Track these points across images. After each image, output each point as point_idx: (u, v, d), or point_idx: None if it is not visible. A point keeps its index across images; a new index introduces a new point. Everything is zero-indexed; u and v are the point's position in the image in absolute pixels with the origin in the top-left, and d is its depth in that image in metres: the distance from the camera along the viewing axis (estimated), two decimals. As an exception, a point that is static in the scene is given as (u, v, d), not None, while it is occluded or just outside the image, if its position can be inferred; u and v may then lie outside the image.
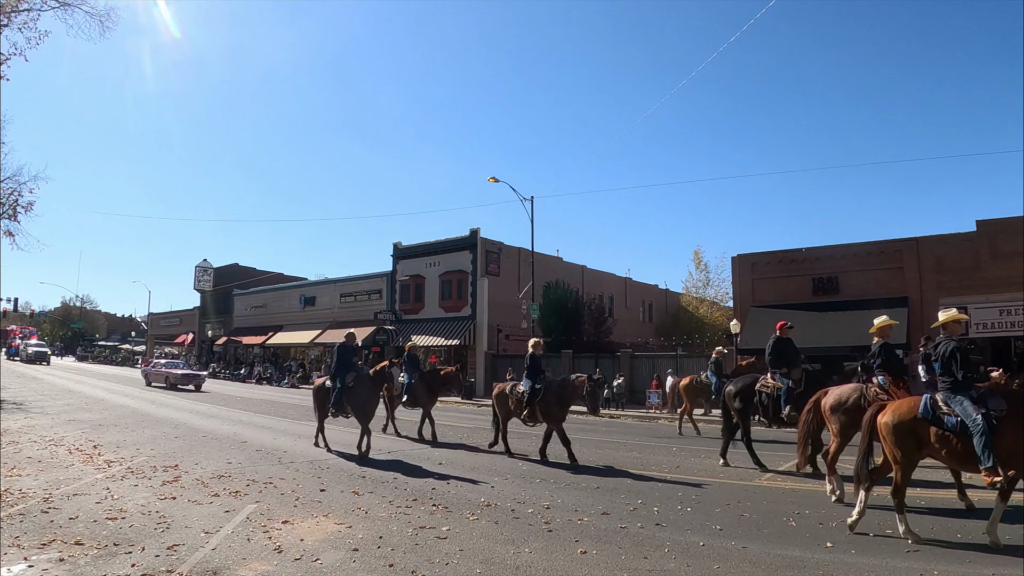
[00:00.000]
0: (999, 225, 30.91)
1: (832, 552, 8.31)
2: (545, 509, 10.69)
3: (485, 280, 48.08)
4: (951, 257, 31.69)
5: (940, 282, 31.56)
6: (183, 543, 8.18)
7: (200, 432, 20.17)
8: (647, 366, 39.23)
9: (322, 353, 60.35)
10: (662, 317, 67.23)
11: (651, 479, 13.61)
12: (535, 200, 41.54)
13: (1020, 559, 7.88)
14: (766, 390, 15.00)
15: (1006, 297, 29.70)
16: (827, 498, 11.52)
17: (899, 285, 32.61)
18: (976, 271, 30.79)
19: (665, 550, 8.37)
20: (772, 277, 36.29)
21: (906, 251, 32.85)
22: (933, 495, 11.95)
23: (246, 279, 76.10)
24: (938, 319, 10.03)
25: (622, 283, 63.90)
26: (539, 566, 7.64)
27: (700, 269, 64.05)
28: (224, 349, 72.68)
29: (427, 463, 15.20)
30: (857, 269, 33.85)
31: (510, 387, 17.23)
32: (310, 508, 10.40)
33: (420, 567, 7.49)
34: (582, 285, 54.54)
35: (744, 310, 36.28)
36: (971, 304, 30.42)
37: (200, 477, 12.74)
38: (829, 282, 34.46)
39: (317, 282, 66.21)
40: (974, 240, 31.27)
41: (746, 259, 37.44)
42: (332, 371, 17.20)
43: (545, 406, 15.97)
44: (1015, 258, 29.64)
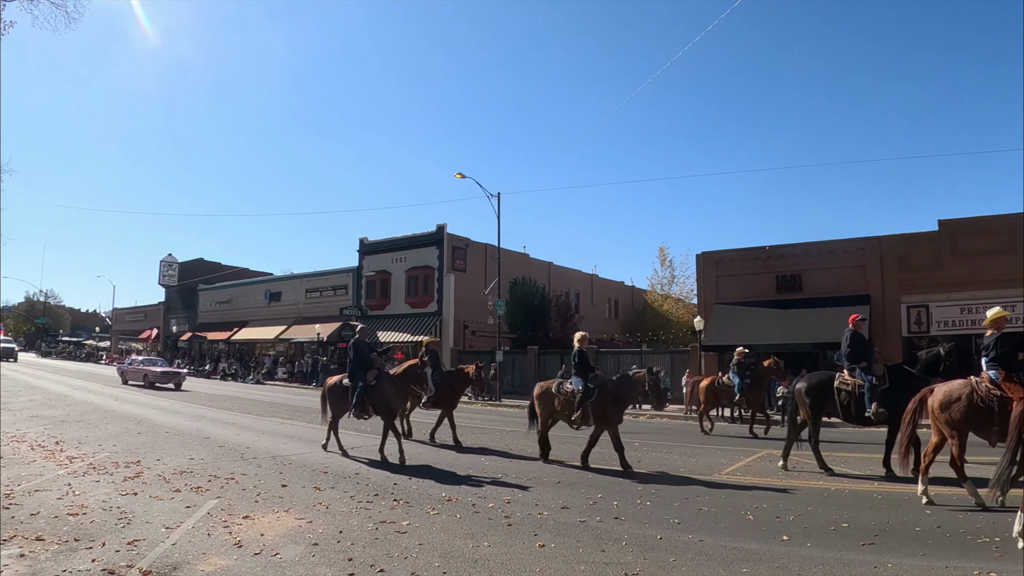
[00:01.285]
0: (961, 225, 31.37)
1: (788, 545, 8.40)
2: (505, 503, 10.73)
3: (451, 276, 48.04)
4: (913, 256, 32.08)
5: (902, 280, 31.95)
6: (144, 538, 8.14)
7: (163, 428, 19.99)
8: (612, 362, 39.27)
9: (287, 349, 60.14)
10: (628, 314, 67.42)
11: (611, 474, 13.69)
12: (502, 196, 41.55)
13: (972, 551, 8.05)
14: (846, 387, 14.11)
15: (967, 295, 30.14)
16: (783, 494, 11.63)
17: (862, 283, 32.95)
18: (938, 270, 31.19)
19: (623, 543, 8.43)
20: (736, 275, 36.51)
21: (869, 250, 33.21)
22: (891, 489, 12.10)
23: (211, 274, 75.57)
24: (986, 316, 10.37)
25: (588, 280, 64.02)
26: (497, 559, 7.68)
27: (665, 266, 64.17)
28: (189, 345, 72.10)
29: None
30: (820, 267, 34.17)
31: (556, 385, 15.74)
32: (271, 503, 10.36)
33: (379, 561, 7.49)
34: (548, 282, 54.62)
35: (708, 307, 36.49)
36: (932, 303, 30.92)
37: (162, 473, 12.65)
38: (793, 280, 34.74)
39: (282, 277, 65.91)
40: (936, 239, 31.69)
41: (711, 256, 37.67)
42: (350, 369, 16.03)
43: (600, 407, 14.54)
44: (976, 257, 30.11)
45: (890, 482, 12.78)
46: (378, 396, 15.53)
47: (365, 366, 15.73)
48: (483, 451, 16.65)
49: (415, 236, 51.17)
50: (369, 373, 15.61)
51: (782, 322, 32.78)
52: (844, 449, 17.22)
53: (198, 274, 76.32)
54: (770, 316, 33.35)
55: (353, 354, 15.98)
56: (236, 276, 73.83)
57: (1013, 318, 28.62)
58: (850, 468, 14.28)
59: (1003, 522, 9.37)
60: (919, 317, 31.27)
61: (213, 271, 76.43)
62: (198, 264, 78.83)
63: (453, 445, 17.61)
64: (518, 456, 15.56)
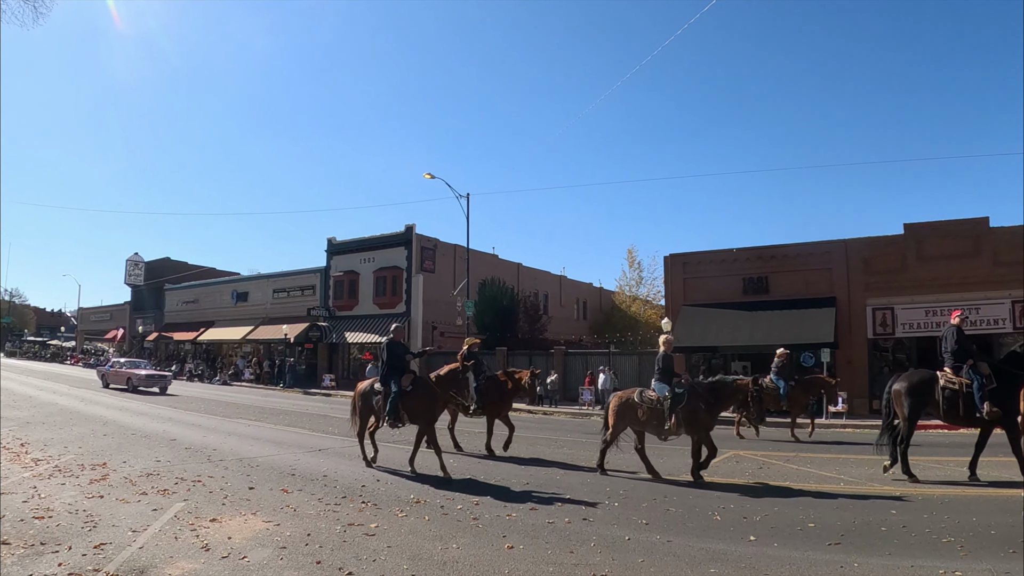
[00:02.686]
0: (926, 229, 31.71)
1: (755, 545, 8.46)
2: (474, 505, 10.73)
3: (420, 277, 47.92)
4: (878, 259, 32.40)
5: (868, 283, 32.24)
6: (110, 542, 8.07)
7: (129, 430, 19.81)
8: (580, 363, 39.41)
9: (254, 350, 59.80)
10: (596, 315, 67.63)
11: (580, 474, 13.73)
12: (471, 197, 41.57)
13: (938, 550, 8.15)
14: (952, 386, 13.28)
15: (932, 298, 30.49)
16: (750, 495, 11.71)
17: (827, 286, 33.20)
18: (903, 273, 31.50)
19: (591, 544, 8.46)
20: (704, 277, 36.69)
21: (835, 253, 33.46)
22: (856, 489, 12.21)
23: (178, 273, 74.91)
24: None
25: (557, 281, 64.15)
26: (466, 561, 7.68)
27: (633, 268, 64.38)
28: (155, 345, 71.45)
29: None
30: (787, 270, 34.42)
31: (638, 394, 14.34)
32: (238, 506, 10.30)
33: (347, 564, 7.47)
34: (517, 283, 54.68)
35: (676, 309, 36.62)
36: (897, 305, 31.21)
37: (128, 475, 12.54)
38: (759, 282, 34.97)
39: (250, 277, 65.40)
40: (901, 243, 32.02)
41: (678, 259, 37.80)
42: (382, 372, 14.65)
43: (691, 414, 13.49)
44: (941, 260, 30.48)
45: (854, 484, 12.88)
46: (414, 403, 14.25)
47: (400, 370, 14.55)
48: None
49: (384, 236, 50.95)
50: (404, 377, 14.47)
51: (749, 324, 33.00)
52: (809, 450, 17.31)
53: (165, 273, 75.61)
54: (737, 318, 33.55)
55: (387, 356, 14.75)
56: (203, 276, 73.23)
57: (977, 320, 29.06)
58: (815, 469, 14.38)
59: (968, 522, 9.53)
60: (884, 319, 31.57)
61: (180, 271, 75.75)
62: (165, 263, 78.07)
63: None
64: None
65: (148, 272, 77.33)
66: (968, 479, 12.87)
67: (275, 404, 32.67)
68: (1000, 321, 29.28)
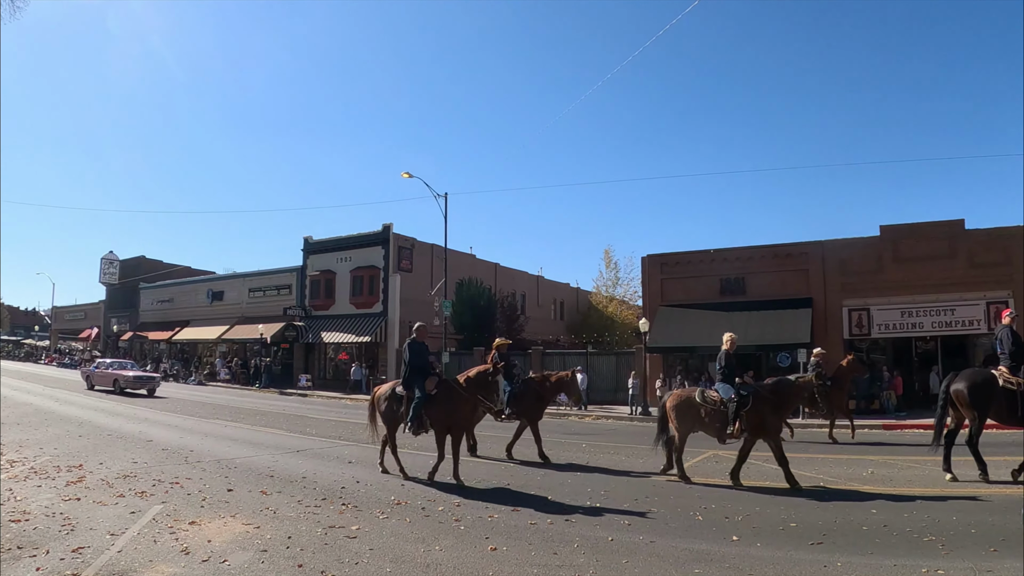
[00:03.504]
0: (902, 230, 31.96)
1: (738, 545, 8.49)
2: (456, 507, 10.71)
3: (397, 276, 47.72)
4: (855, 260, 32.61)
5: (844, 284, 32.41)
6: (88, 545, 8.00)
7: (105, 431, 19.71)
8: (558, 363, 39.32)
9: (229, 349, 59.46)
10: (573, 315, 67.70)
11: (561, 475, 13.73)
12: (449, 197, 41.50)
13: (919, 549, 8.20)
14: (1010, 387, 12.88)
15: (907, 299, 30.72)
16: (731, 494, 11.72)
17: (804, 287, 33.36)
18: (879, 274, 31.71)
19: (575, 545, 8.46)
20: (681, 277, 36.77)
21: (811, 254, 33.63)
22: (837, 490, 12.28)
23: (153, 272, 74.29)
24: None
25: (534, 281, 64.10)
26: (449, 564, 7.65)
27: (610, 268, 64.58)
28: (130, 344, 70.77)
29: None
30: (763, 271, 34.56)
31: (698, 394, 13.82)
32: (217, 508, 10.24)
33: (329, 567, 7.44)
34: (495, 282, 54.67)
35: (653, 309, 36.67)
36: (873, 306, 31.41)
37: (105, 477, 12.46)
38: (736, 283, 35.08)
39: (225, 276, 64.85)
40: (877, 244, 32.25)
41: (655, 259, 37.86)
42: (405, 374, 13.59)
43: (756, 415, 13.00)
44: (916, 262, 30.71)
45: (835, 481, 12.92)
46: (439, 408, 13.23)
47: (423, 372, 13.48)
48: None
49: (360, 235, 50.71)
50: (428, 381, 13.40)
51: (725, 324, 32.91)
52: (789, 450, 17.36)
53: (140, 272, 74.88)
54: (714, 318, 33.58)
55: (409, 357, 13.60)
56: (178, 275, 72.56)
57: (952, 321, 29.29)
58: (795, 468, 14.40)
59: (948, 520, 9.60)
60: (860, 320, 31.73)
61: (155, 269, 75.01)
62: (140, 262, 77.28)
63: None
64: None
65: (123, 271, 76.61)
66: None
67: (251, 404, 32.53)
68: (975, 322, 29.53)
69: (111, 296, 79.24)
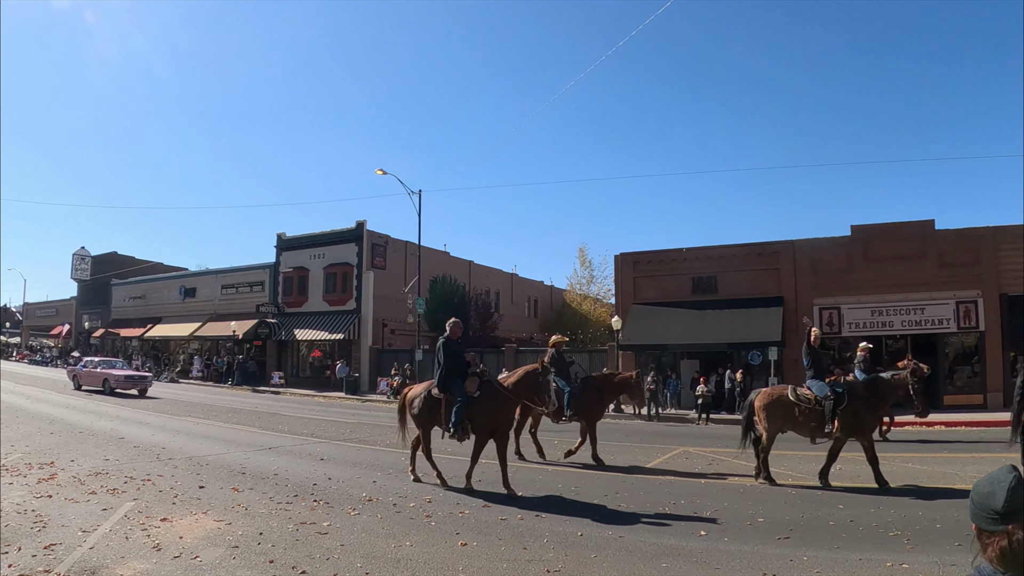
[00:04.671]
0: (872, 230, 32.28)
1: (706, 540, 8.59)
2: (427, 503, 10.75)
3: (371, 273, 47.51)
4: (826, 260, 32.86)
5: (815, 283, 32.66)
6: (60, 542, 7.99)
7: (76, 428, 19.60)
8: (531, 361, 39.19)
9: (202, 346, 59.19)
10: (547, 313, 67.73)
11: (532, 472, 13.79)
12: (423, 194, 41.49)
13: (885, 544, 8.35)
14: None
15: (877, 299, 31.01)
16: (701, 490, 11.82)
17: (775, 286, 33.57)
18: (849, 273, 31.97)
19: (544, 540, 8.54)
20: (653, 276, 36.88)
21: (782, 253, 33.86)
22: (804, 485, 12.40)
23: (125, 268, 73.62)
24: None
25: (509, 279, 64.09)
26: (419, 559, 7.70)
27: (584, 266, 64.58)
28: (101, 341, 70.06)
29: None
30: (735, 270, 34.71)
31: (791, 391, 13.13)
32: (189, 505, 10.23)
33: (300, 563, 7.46)
34: (469, 280, 54.54)
35: (626, 307, 36.78)
36: (844, 305, 31.66)
37: (77, 475, 12.42)
38: (708, 281, 35.22)
39: (198, 273, 64.37)
40: (848, 244, 32.53)
41: (628, 258, 37.98)
42: (440, 376, 12.43)
43: (851, 414, 12.50)
44: (887, 262, 30.98)
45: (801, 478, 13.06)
46: (482, 411, 12.15)
47: (462, 373, 12.40)
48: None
49: (334, 232, 50.43)
50: (469, 382, 12.29)
51: (697, 323, 33.30)
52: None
53: (112, 268, 74.01)
54: (686, 316, 33.81)
55: (444, 357, 12.49)
56: (150, 271, 71.88)
57: (922, 320, 29.59)
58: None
59: (914, 515, 9.77)
60: (831, 319, 31.97)
61: (127, 265, 74.16)
62: (112, 258, 76.46)
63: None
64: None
65: (95, 267, 75.91)
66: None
67: (224, 402, 32.37)
68: (945, 321, 29.86)
69: (83, 293, 78.52)
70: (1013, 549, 2.41)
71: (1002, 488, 2.49)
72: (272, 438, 18.54)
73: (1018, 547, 2.41)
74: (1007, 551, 2.43)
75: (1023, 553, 2.39)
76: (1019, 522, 2.46)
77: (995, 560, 2.47)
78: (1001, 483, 2.51)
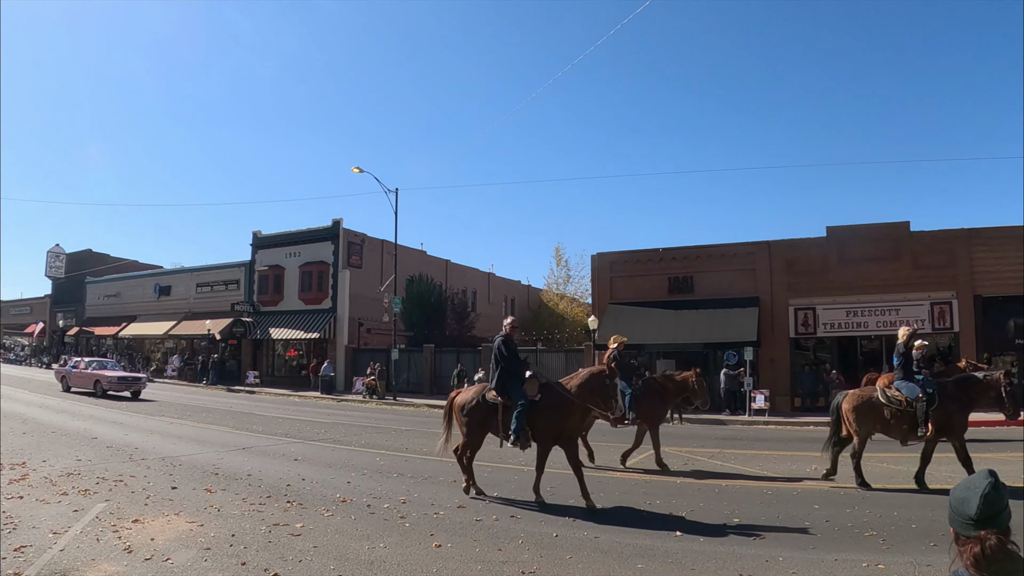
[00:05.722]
0: (848, 232, 32.44)
1: (681, 541, 8.59)
2: (401, 504, 10.69)
3: (347, 272, 47.27)
4: (801, 260, 33.02)
5: (790, 284, 32.81)
6: (31, 544, 7.90)
7: (49, 428, 19.42)
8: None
9: (177, 345, 58.85)
10: (524, 312, 67.62)
11: (508, 472, 13.75)
12: (400, 192, 41.37)
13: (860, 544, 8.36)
14: None
15: (852, 299, 31.18)
16: (676, 490, 11.81)
17: (751, 286, 33.71)
18: (825, 274, 32.14)
19: (519, 541, 8.51)
20: (630, 275, 36.93)
21: (758, 254, 34.01)
22: (779, 486, 12.42)
23: (100, 266, 73.08)
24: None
25: (485, 278, 64.03)
26: (393, 560, 7.65)
27: (561, 266, 64.72)
28: (76, 340, 69.60)
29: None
30: (711, 270, 34.83)
31: (880, 393, 12.79)
32: (161, 506, 10.14)
33: (273, 565, 7.40)
34: (446, 279, 54.51)
35: (603, 307, 36.81)
36: (819, 305, 31.80)
37: (48, 475, 12.29)
38: (684, 281, 35.31)
39: (173, 271, 63.87)
40: (823, 245, 32.69)
41: (605, 257, 38.04)
42: (497, 378, 11.60)
43: (943, 414, 12.13)
44: (862, 263, 31.16)
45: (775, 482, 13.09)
46: (544, 416, 11.25)
47: (520, 375, 11.51)
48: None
49: (310, 230, 50.16)
50: (529, 384, 11.38)
51: (673, 322, 33.37)
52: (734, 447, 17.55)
53: (86, 266, 73.39)
54: (662, 316, 33.88)
55: (503, 358, 11.63)
56: (125, 268, 71.26)
57: (897, 321, 29.77)
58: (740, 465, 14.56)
59: (889, 516, 9.80)
60: (806, 319, 32.12)
61: (102, 263, 73.49)
62: (86, 255, 75.72)
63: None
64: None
65: (69, 264, 75.26)
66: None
67: (198, 401, 32.15)
68: (919, 322, 29.98)
69: (57, 290, 77.83)
70: (986, 555, 2.43)
71: (976, 494, 2.51)
72: (246, 438, 18.43)
73: (991, 553, 2.43)
74: (980, 557, 2.45)
75: (996, 559, 2.41)
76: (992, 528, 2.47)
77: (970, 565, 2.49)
78: (976, 489, 2.53)
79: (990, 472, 2.59)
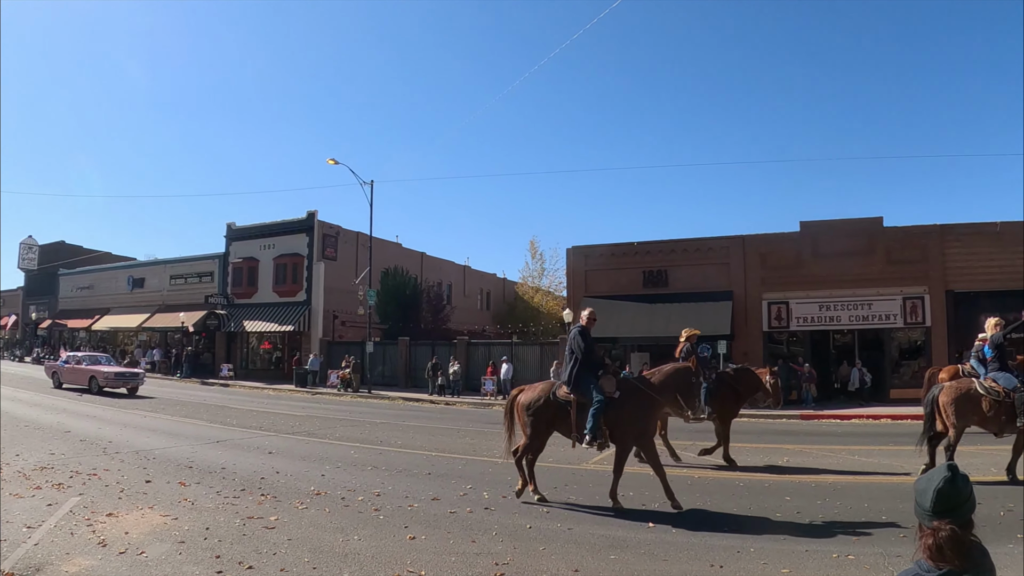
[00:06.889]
0: (821, 227, 32.75)
1: (654, 532, 8.69)
2: (376, 496, 10.71)
3: (321, 264, 47.05)
4: (775, 255, 33.32)
5: (764, 278, 33.08)
6: (4, 539, 7.88)
7: (22, 421, 19.28)
8: (483, 353, 39.37)
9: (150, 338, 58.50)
10: (499, 305, 67.72)
11: (482, 465, 13.81)
12: (375, 184, 41.18)
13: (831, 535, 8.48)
14: None
15: (825, 293, 31.48)
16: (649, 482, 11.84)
17: (725, 280, 33.95)
18: (798, 268, 32.44)
19: (493, 533, 8.57)
20: (605, 269, 37.06)
21: (732, 248, 34.27)
22: (751, 478, 12.54)
23: (73, 258, 72.47)
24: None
25: (461, 271, 63.91)
26: (368, 552, 7.68)
27: (536, 259, 64.97)
28: (49, 333, 69.15)
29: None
30: (686, 264, 35.05)
31: (978, 384, 12.30)
32: (135, 500, 10.12)
33: (247, 558, 7.41)
34: (421, 272, 54.35)
35: (577, 300, 36.81)
36: (792, 299, 32.06)
37: (22, 469, 12.25)
38: (659, 275, 35.50)
39: (146, 263, 63.31)
40: (797, 240, 33.01)
41: (580, 251, 38.15)
42: (573, 372, 10.71)
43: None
44: (835, 258, 31.47)
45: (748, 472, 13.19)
46: (624, 415, 10.52)
47: (596, 370, 10.80)
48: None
49: (284, 222, 49.78)
50: (606, 380, 10.65)
51: (648, 316, 33.54)
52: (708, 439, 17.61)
53: (59, 258, 72.65)
54: (636, 310, 34.07)
55: (581, 350, 10.79)
56: (98, 260, 70.63)
57: (869, 315, 30.04)
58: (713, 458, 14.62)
59: (860, 507, 9.96)
60: (779, 313, 32.37)
61: (75, 255, 72.76)
62: (59, 247, 75.01)
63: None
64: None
65: (42, 256, 74.48)
66: None
67: (171, 395, 31.93)
68: (892, 316, 30.38)
69: (30, 282, 77.06)
70: (939, 544, 2.53)
71: (932, 487, 2.60)
72: (220, 431, 18.38)
73: (943, 543, 2.53)
74: (933, 547, 2.55)
75: (949, 549, 2.51)
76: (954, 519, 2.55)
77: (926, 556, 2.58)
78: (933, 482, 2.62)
79: (949, 467, 2.67)
